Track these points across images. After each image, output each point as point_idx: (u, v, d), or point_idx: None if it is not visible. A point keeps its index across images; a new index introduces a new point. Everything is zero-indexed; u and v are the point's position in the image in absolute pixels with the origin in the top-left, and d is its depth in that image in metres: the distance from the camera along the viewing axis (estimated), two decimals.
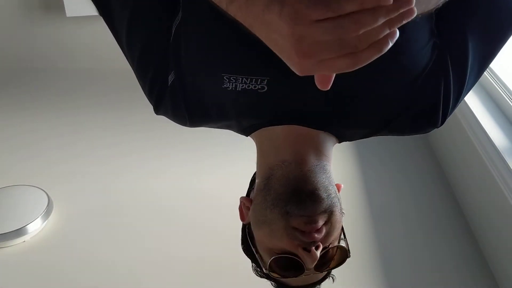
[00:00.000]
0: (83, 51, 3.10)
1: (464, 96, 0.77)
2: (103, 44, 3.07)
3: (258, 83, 0.70)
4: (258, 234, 0.74)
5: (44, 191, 1.92)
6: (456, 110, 1.94)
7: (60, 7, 2.78)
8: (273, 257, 0.71)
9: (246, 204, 0.78)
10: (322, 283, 0.82)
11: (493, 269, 1.60)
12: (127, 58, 0.80)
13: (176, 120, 0.80)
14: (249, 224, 0.77)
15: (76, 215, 1.90)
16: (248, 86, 0.71)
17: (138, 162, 2.22)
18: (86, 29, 3.01)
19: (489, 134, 1.63)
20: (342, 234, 0.77)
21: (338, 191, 0.75)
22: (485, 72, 1.95)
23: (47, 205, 1.85)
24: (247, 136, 0.82)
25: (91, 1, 0.78)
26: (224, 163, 2.18)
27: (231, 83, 0.71)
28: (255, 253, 0.76)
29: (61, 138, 2.40)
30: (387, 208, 1.92)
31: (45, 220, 1.82)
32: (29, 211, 1.81)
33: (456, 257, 1.68)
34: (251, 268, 0.82)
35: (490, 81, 1.90)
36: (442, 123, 0.77)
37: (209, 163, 2.20)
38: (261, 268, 0.77)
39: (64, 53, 3.10)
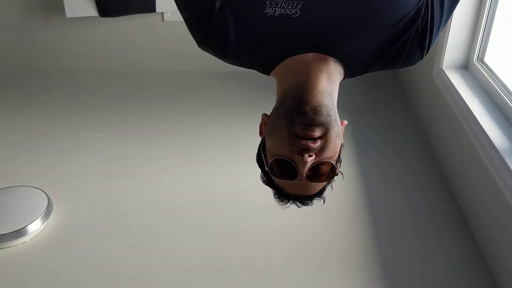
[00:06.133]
0: (82, 51, 3.10)
1: (445, 24, 0.89)
2: (103, 45, 3.07)
3: (294, 7, 0.80)
4: (268, 144, 0.85)
5: (44, 192, 1.92)
6: (456, 111, 1.95)
7: (60, 8, 2.78)
8: (274, 158, 0.83)
9: (265, 119, 0.89)
10: None
11: (493, 269, 1.61)
12: None
13: (217, 48, 0.87)
14: (264, 137, 0.89)
15: (76, 216, 1.90)
16: (285, 11, 0.80)
17: (138, 162, 2.22)
18: (86, 29, 3.01)
19: (488, 134, 1.63)
20: (338, 160, 0.87)
21: (342, 126, 0.85)
22: (485, 72, 1.97)
23: (47, 206, 1.85)
24: (269, 74, 0.91)
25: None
26: (226, 165, 2.19)
27: (271, 8, 0.80)
28: (263, 159, 0.88)
29: (61, 138, 2.40)
30: (387, 210, 1.92)
31: (45, 221, 1.82)
32: (29, 212, 1.81)
33: (455, 257, 1.68)
34: (259, 177, 0.91)
35: (490, 81, 1.90)
36: (428, 50, 0.88)
37: (207, 163, 2.20)
38: (265, 172, 0.88)
39: (64, 53, 3.11)
